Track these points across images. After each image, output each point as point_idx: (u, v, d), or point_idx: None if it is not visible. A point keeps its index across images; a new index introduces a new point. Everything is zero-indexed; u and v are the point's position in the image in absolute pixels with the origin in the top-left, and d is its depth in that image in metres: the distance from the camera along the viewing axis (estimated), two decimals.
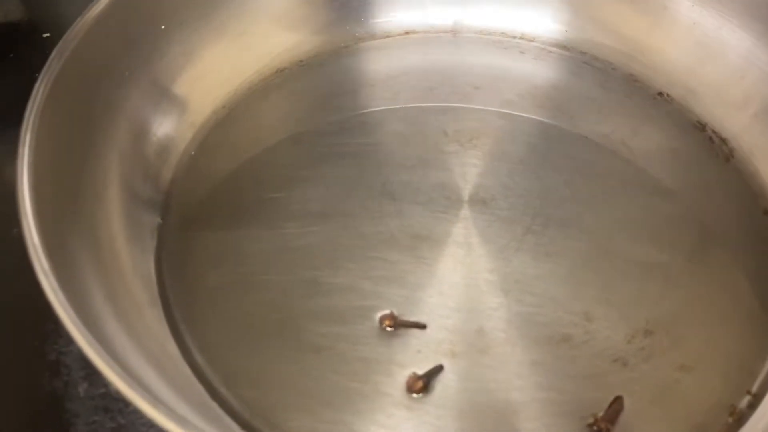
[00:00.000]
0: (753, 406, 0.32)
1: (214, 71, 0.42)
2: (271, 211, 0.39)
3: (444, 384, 0.33)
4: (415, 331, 0.34)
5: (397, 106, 0.44)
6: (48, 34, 0.45)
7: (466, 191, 0.40)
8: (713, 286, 0.36)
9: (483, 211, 0.39)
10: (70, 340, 0.33)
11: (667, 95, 0.44)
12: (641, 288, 0.36)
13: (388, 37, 0.48)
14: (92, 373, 0.34)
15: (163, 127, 0.40)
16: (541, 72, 0.46)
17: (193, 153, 0.41)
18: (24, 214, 0.29)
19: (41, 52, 0.41)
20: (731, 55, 0.43)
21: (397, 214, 0.39)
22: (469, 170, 0.41)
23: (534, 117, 0.44)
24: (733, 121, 0.42)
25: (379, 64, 0.47)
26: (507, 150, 0.42)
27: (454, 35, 0.48)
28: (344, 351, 0.34)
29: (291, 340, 0.34)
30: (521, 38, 0.47)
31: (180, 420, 0.25)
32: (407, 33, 0.48)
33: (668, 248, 0.37)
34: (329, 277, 0.36)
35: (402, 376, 0.33)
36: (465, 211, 0.39)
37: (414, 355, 0.34)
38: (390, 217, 0.39)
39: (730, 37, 0.43)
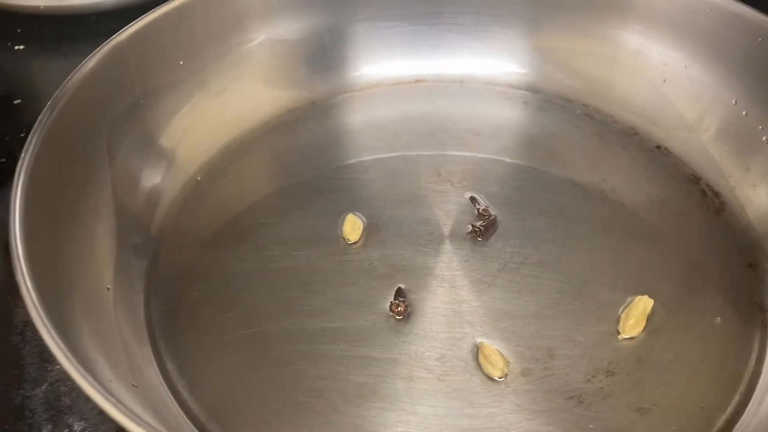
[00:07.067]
0: None
1: (205, 121, 0.45)
2: (260, 235, 0.41)
3: (400, 404, 0.33)
4: (376, 356, 0.35)
5: (396, 147, 0.46)
6: (19, 101, 0.49)
7: (448, 227, 0.41)
8: (686, 334, 0.36)
9: (462, 247, 0.40)
10: (34, 385, 0.36)
11: (665, 149, 0.45)
12: (610, 331, 0.36)
13: (398, 84, 0.50)
14: (56, 415, 0.35)
15: (152, 176, 0.41)
16: (541, 122, 0.47)
17: (199, 179, 0.44)
18: (18, 267, 0.30)
19: (12, 118, 0.44)
20: (727, 115, 0.43)
21: (379, 244, 0.40)
22: (454, 208, 0.42)
23: (527, 163, 0.44)
24: (727, 176, 0.42)
25: (386, 109, 0.49)
26: (495, 192, 0.43)
27: (462, 85, 0.50)
28: (305, 369, 0.35)
29: (257, 355, 0.36)
30: (527, 90, 0.49)
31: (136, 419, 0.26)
32: (417, 81, 0.50)
33: (643, 294, 0.37)
34: (302, 299, 0.38)
35: (359, 398, 0.34)
36: (445, 246, 0.40)
37: (371, 380, 0.34)
38: (372, 246, 0.40)
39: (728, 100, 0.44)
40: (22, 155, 0.33)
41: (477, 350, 0.35)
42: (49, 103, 0.36)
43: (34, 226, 0.32)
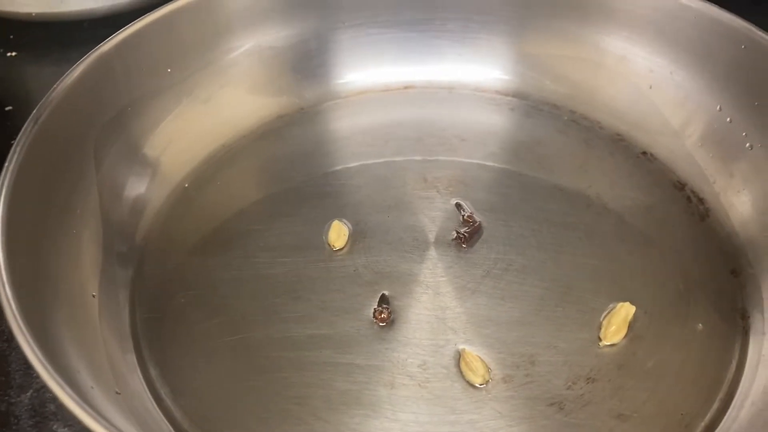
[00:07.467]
0: None
1: (192, 129, 0.45)
2: (247, 242, 0.41)
3: (382, 411, 0.34)
4: (359, 363, 0.35)
5: (384, 154, 0.46)
6: (10, 107, 0.49)
7: (433, 234, 0.41)
8: (667, 341, 0.36)
9: (446, 253, 0.40)
10: (20, 391, 0.36)
11: (651, 155, 0.45)
12: (591, 337, 0.36)
13: (386, 91, 0.50)
14: (41, 422, 0.35)
15: (138, 184, 0.42)
16: (528, 128, 0.47)
17: (186, 186, 0.44)
18: None
19: (3, 125, 0.44)
20: (712, 122, 0.44)
21: (365, 251, 0.40)
22: (440, 214, 0.42)
23: (513, 169, 0.45)
24: (711, 182, 0.43)
25: (374, 116, 0.49)
26: (481, 197, 0.43)
27: (451, 91, 0.50)
28: (290, 376, 0.35)
29: (242, 362, 0.36)
30: (514, 96, 0.49)
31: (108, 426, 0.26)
32: (406, 87, 0.50)
33: (626, 300, 0.37)
34: (288, 306, 0.38)
35: (343, 405, 0.34)
36: (430, 252, 0.40)
37: (355, 387, 0.35)
38: (358, 253, 0.40)
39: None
40: (6, 165, 0.34)
41: (459, 357, 0.35)
42: (33, 112, 0.36)
43: (18, 234, 0.32)
